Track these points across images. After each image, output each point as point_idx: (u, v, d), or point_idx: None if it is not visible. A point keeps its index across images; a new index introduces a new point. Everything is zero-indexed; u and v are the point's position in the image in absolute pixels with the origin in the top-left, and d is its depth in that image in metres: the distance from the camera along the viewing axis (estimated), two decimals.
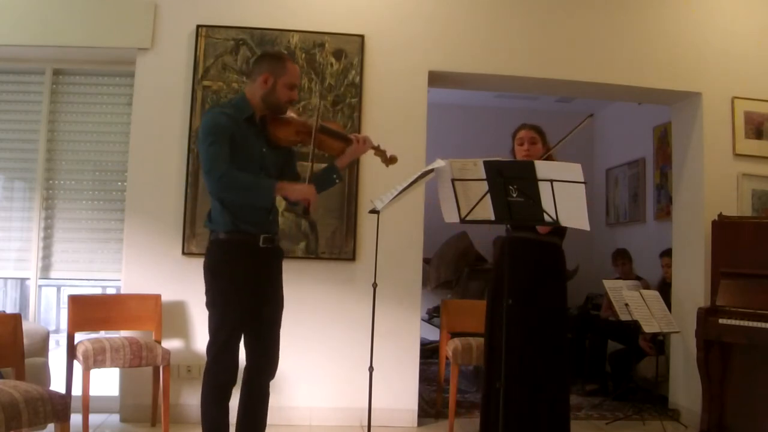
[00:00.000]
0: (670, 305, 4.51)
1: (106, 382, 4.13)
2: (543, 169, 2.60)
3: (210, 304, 2.71)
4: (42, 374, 3.46)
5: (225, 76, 4.05)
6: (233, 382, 2.69)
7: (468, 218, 2.80)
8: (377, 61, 4.20)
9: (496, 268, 3.38)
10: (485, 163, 2.70)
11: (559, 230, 3.15)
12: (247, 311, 2.69)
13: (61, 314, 5.74)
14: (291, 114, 2.83)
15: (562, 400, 3.18)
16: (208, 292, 2.72)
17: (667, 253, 5.00)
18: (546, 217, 2.64)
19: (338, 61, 4.16)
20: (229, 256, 2.68)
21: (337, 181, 2.90)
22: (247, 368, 2.80)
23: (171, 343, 3.90)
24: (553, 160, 3.19)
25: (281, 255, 2.89)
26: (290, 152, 2.93)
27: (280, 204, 3.98)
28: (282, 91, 2.71)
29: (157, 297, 3.86)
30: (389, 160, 2.92)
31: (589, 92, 4.77)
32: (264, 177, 2.70)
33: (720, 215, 4.12)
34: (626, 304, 4.29)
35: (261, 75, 2.71)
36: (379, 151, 2.91)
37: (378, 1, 4.27)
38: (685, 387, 4.38)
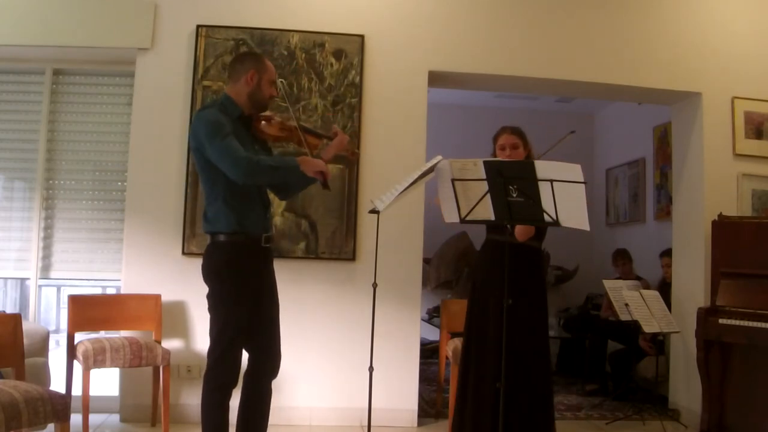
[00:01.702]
0: (670, 305, 4.51)
1: (106, 382, 4.13)
2: (543, 169, 2.60)
3: (212, 308, 2.69)
4: (42, 374, 3.46)
5: (225, 76, 4.04)
6: (234, 383, 2.68)
7: (468, 218, 2.80)
8: (377, 61, 4.21)
9: (477, 271, 3.37)
10: (485, 163, 2.70)
11: (537, 233, 3.14)
12: (250, 312, 2.69)
13: (61, 314, 5.74)
14: (269, 113, 2.89)
15: (547, 397, 3.17)
16: (210, 296, 2.70)
17: (667, 253, 5.00)
18: (546, 217, 2.64)
19: (338, 61, 4.16)
20: (233, 258, 2.67)
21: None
22: (249, 369, 2.79)
23: (171, 343, 3.90)
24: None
25: (273, 254, 2.91)
26: (271, 151, 2.98)
27: (279, 204, 4.00)
28: (266, 88, 2.77)
29: (157, 297, 3.86)
30: (352, 154, 3.03)
31: (589, 92, 4.78)
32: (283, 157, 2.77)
33: (720, 215, 4.12)
34: (626, 304, 4.29)
35: (246, 73, 2.73)
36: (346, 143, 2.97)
37: (378, 1, 4.27)
38: (685, 387, 4.38)
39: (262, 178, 2.68)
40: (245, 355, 2.78)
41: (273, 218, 2.94)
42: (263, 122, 2.81)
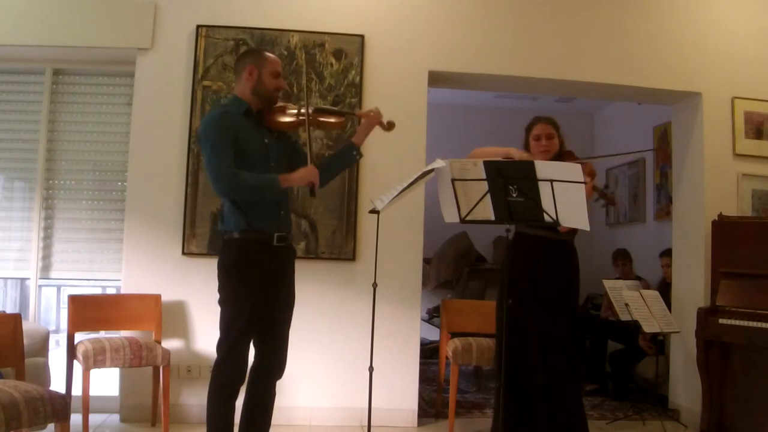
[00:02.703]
0: (670, 305, 4.51)
1: (106, 382, 4.13)
2: (543, 169, 2.60)
3: (222, 302, 2.72)
4: (42, 374, 3.46)
5: (225, 76, 4.05)
6: (242, 381, 2.70)
7: (468, 218, 2.81)
8: (377, 61, 4.20)
9: (506, 264, 3.32)
10: (485, 163, 2.70)
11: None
12: (259, 310, 2.70)
13: (61, 314, 5.74)
14: (283, 103, 2.89)
15: (574, 401, 3.16)
16: (221, 291, 2.73)
17: (667, 253, 5.00)
18: (546, 217, 2.64)
19: (338, 61, 4.16)
20: (244, 255, 2.69)
21: (357, 158, 2.97)
22: (254, 368, 2.80)
23: (171, 343, 3.90)
24: (573, 155, 3.18)
25: (294, 254, 2.91)
26: (292, 140, 3.00)
27: None
28: (268, 80, 2.77)
29: (157, 297, 3.86)
30: (388, 127, 2.92)
31: (589, 92, 4.77)
32: (268, 172, 2.72)
33: (720, 215, 4.12)
34: (626, 304, 4.29)
35: (245, 69, 2.77)
36: (379, 121, 2.94)
37: (378, 1, 4.26)
38: (685, 387, 4.38)
39: (239, 195, 2.68)
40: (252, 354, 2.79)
41: (291, 218, 2.93)
42: (276, 113, 2.81)
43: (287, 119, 2.83)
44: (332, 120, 2.90)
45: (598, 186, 3.09)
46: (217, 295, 2.74)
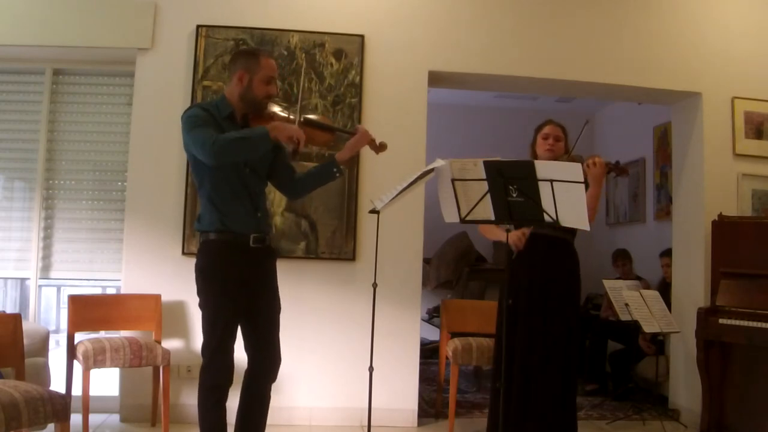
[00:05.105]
0: (670, 305, 4.51)
1: (106, 382, 4.13)
2: (543, 169, 2.60)
3: (202, 305, 2.68)
4: (42, 374, 3.46)
5: (225, 76, 4.02)
6: (229, 383, 2.66)
7: (468, 218, 2.81)
8: (377, 61, 4.20)
9: (507, 266, 3.33)
10: (485, 163, 2.70)
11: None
12: (240, 312, 2.67)
13: (61, 314, 5.74)
14: (273, 109, 2.77)
15: (569, 400, 3.17)
16: (200, 293, 2.69)
17: (667, 253, 5.01)
18: (546, 217, 2.64)
19: (338, 61, 4.16)
20: (220, 257, 2.65)
21: (337, 175, 2.83)
22: (247, 373, 2.77)
23: (171, 343, 3.90)
24: (574, 159, 3.19)
25: (275, 256, 2.84)
26: (278, 148, 2.83)
27: (279, 204, 4.00)
28: (258, 87, 2.66)
29: (157, 297, 3.86)
30: (379, 148, 2.85)
31: (589, 92, 4.77)
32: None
33: (720, 215, 4.12)
34: (626, 304, 4.29)
35: (236, 73, 2.67)
36: (369, 140, 2.84)
37: (378, 1, 4.27)
38: (685, 387, 4.38)
39: (232, 153, 2.54)
40: (243, 356, 2.77)
41: (270, 219, 2.87)
42: (260, 121, 2.70)
43: None
44: (319, 135, 2.78)
45: (609, 162, 3.19)
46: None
